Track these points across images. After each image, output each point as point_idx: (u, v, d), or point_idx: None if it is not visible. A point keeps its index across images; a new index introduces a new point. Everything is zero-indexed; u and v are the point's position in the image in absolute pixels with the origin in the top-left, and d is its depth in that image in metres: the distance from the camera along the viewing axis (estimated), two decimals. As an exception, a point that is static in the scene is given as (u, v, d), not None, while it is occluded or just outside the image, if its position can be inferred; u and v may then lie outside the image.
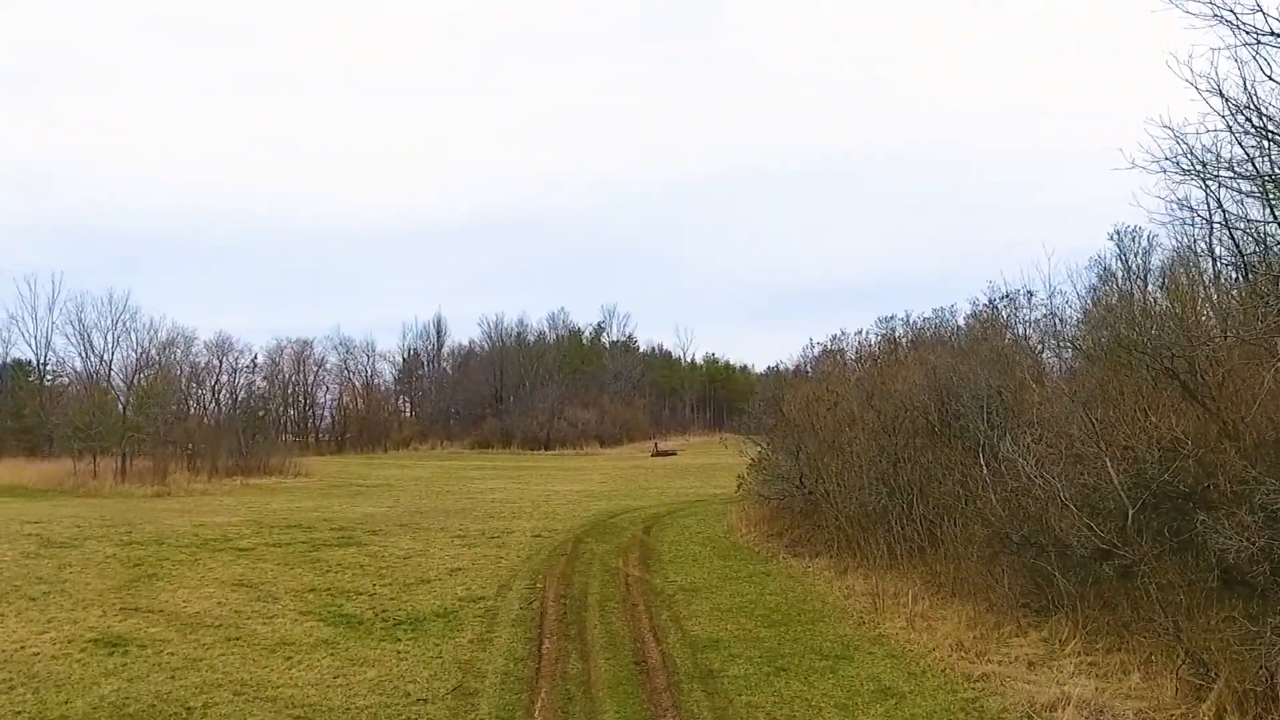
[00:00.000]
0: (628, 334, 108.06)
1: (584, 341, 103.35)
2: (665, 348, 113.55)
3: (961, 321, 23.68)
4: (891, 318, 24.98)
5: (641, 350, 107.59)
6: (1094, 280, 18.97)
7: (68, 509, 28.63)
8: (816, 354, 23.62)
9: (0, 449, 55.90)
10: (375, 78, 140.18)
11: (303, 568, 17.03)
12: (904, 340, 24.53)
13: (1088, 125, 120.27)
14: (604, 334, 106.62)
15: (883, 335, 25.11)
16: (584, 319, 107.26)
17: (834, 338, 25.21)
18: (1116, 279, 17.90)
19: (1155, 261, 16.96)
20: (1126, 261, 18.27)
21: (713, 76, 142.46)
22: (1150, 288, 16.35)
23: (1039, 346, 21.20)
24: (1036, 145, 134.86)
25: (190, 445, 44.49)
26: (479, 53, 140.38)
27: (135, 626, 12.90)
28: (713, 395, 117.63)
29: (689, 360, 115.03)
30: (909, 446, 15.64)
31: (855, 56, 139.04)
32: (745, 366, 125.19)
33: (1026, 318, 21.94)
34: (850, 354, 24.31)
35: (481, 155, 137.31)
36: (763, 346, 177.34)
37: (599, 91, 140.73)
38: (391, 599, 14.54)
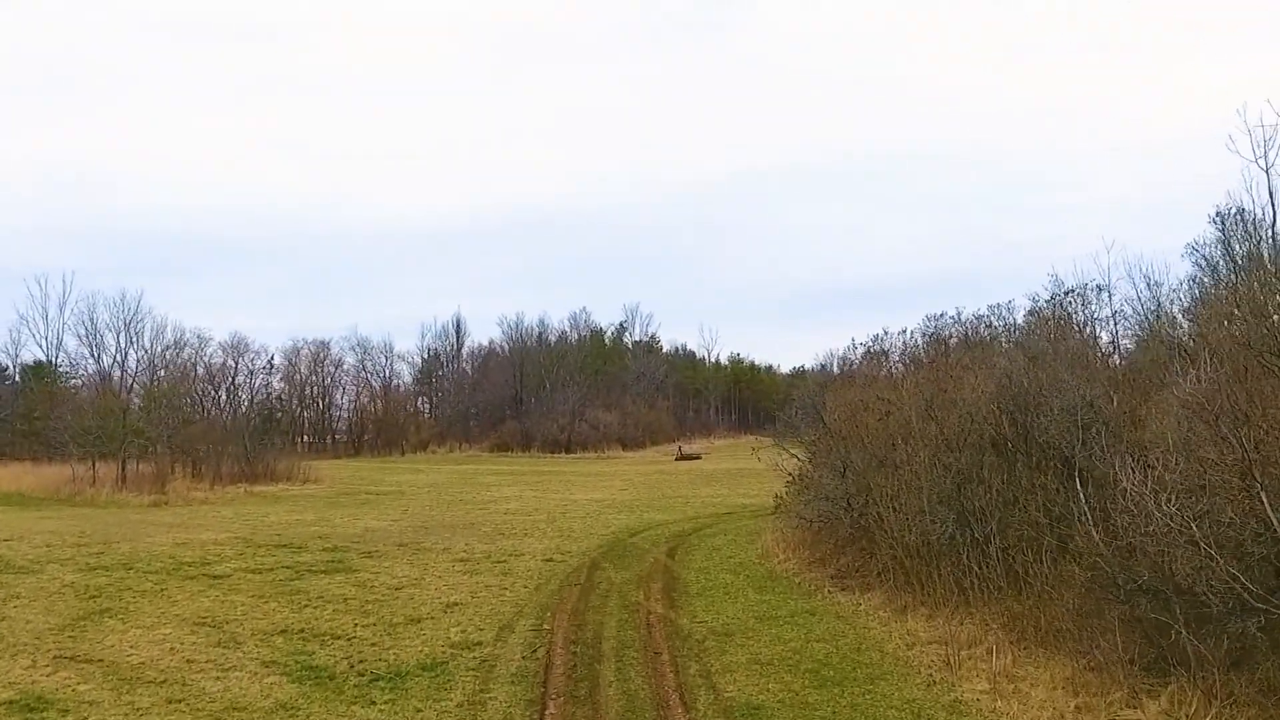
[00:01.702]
0: (651, 334, 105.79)
1: (606, 341, 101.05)
2: (689, 348, 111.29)
3: (1020, 319, 21.27)
4: (940, 315, 22.66)
5: (665, 350, 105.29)
6: (1192, 270, 16.47)
7: (51, 522, 26.79)
8: (859, 355, 21.27)
9: (12, 453, 54.69)
10: (394, 79, 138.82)
11: (279, 601, 14.93)
12: (953, 340, 22.14)
13: (1114, 123, 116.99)
14: (626, 334, 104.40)
15: (929, 335, 22.70)
16: (606, 319, 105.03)
17: (876, 338, 22.84)
18: (1219, 268, 15.46)
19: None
20: (1230, 249, 15.78)
21: (739, 76, 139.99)
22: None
23: (1109, 349, 18.81)
24: (1070, 144, 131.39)
25: (198, 450, 42.71)
26: (502, 53, 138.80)
27: (64, 682, 10.83)
28: (737, 396, 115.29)
29: (713, 360, 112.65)
30: (977, 465, 13.32)
31: (882, 54, 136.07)
32: (770, 367, 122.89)
33: (1097, 315, 19.51)
34: (895, 355, 21.95)
35: (503, 156, 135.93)
36: (788, 347, 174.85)
37: (624, 92, 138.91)
38: (372, 644, 12.39)
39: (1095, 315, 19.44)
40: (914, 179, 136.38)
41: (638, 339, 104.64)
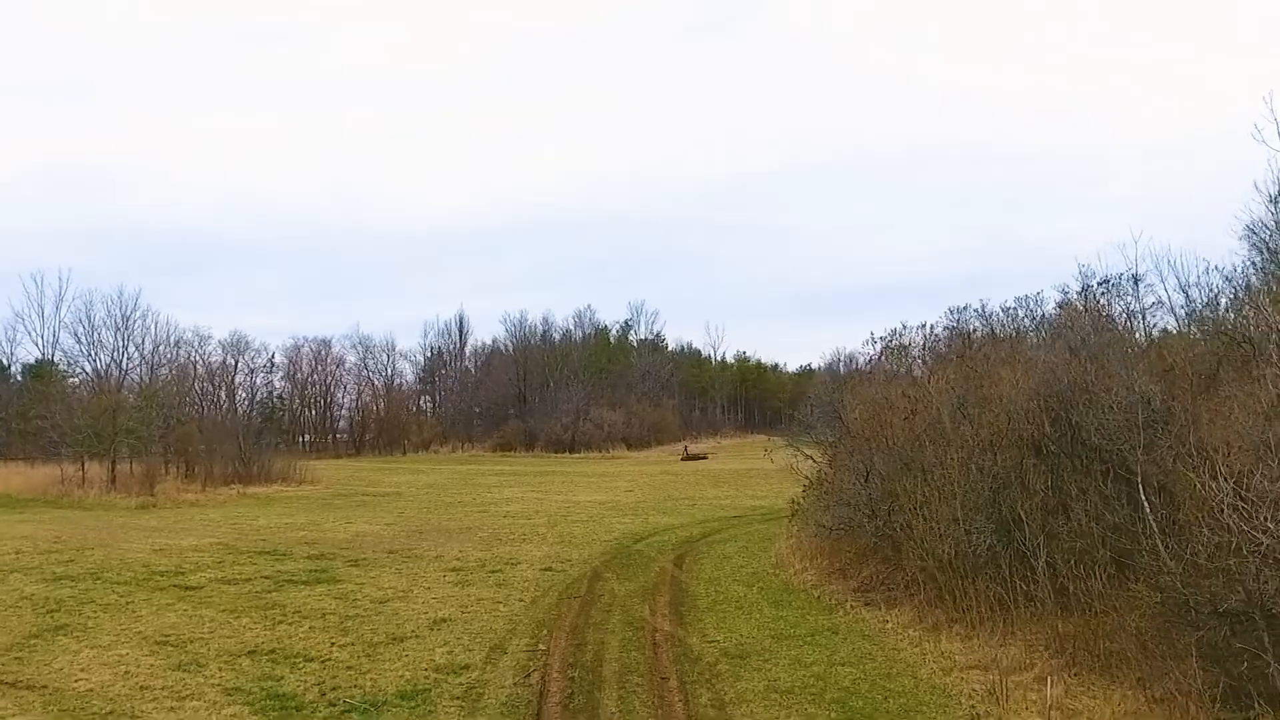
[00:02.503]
0: (656, 332, 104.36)
1: (610, 340, 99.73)
2: (695, 346, 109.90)
3: (1049, 311, 19.97)
4: (963, 308, 21.37)
5: (670, 349, 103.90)
6: (1249, 256, 15.12)
7: (30, 525, 25.63)
8: (877, 350, 19.98)
9: (9, 453, 53.73)
10: (401, 81, 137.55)
11: (252, 616, 13.70)
12: (978, 334, 20.85)
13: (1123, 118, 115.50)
14: (631, 332, 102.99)
15: (952, 329, 21.40)
16: (611, 317, 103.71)
17: (894, 332, 21.56)
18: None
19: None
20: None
21: (749, 76, 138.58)
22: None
23: (1147, 342, 17.48)
24: (1086, 142, 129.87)
25: (190, 450, 41.56)
26: (511, 56, 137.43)
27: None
28: (744, 395, 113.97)
29: (719, 359, 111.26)
30: (1018, 469, 12.05)
31: (893, 53, 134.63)
32: (777, 366, 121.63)
33: (1132, 308, 18.18)
34: (916, 351, 20.67)
35: (509, 158, 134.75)
36: (794, 346, 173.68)
37: (633, 94, 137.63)
38: (348, 668, 11.15)
39: (1133, 308, 18.14)
40: (925, 178, 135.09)
41: (643, 337, 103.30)
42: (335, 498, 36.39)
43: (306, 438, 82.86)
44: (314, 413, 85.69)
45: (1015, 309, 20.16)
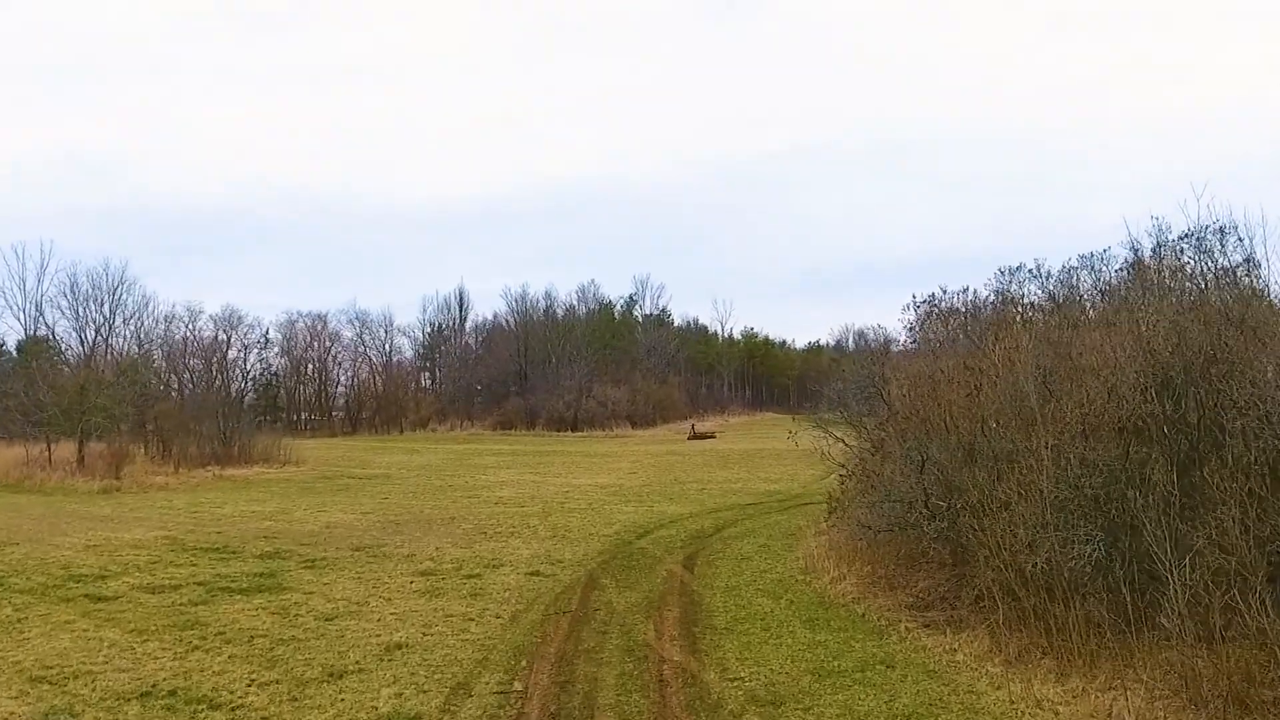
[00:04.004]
0: (662, 307, 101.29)
1: (615, 315, 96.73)
2: (701, 322, 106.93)
3: (1113, 274, 17.18)
4: (1017, 269, 18.57)
5: (676, 325, 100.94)
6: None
7: (-33, 514, 23.11)
8: (917, 317, 17.21)
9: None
10: (404, 60, 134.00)
11: (163, 639, 11.09)
12: (1034, 299, 18.06)
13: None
14: (636, 307, 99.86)
15: (1001, 293, 18.59)
16: (615, 293, 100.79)
17: (932, 297, 18.79)
18: None
19: None
20: None
21: (762, 56, 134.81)
22: None
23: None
24: (1100, 123, 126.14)
25: (165, 429, 39.03)
26: (514, 35, 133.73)
27: None
28: (751, 372, 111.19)
29: (726, 335, 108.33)
30: (1130, 460, 9.36)
31: (902, 32, 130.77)
32: (784, 342, 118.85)
33: (1218, 265, 15.36)
34: (963, 318, 17.89)
35: (512, 138, 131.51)
36: (802, 323, 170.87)
37: (643, 73, 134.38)
38: (262, 718, 8.55)
39: (1221, 265, 15.33)
40: (936, 158, 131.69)
41: (648, 312, 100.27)
42: (318, 480, 33.87)
43: (302, 416, 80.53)
44: (310, 390, 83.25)
45: (1078, 268, 17.36)
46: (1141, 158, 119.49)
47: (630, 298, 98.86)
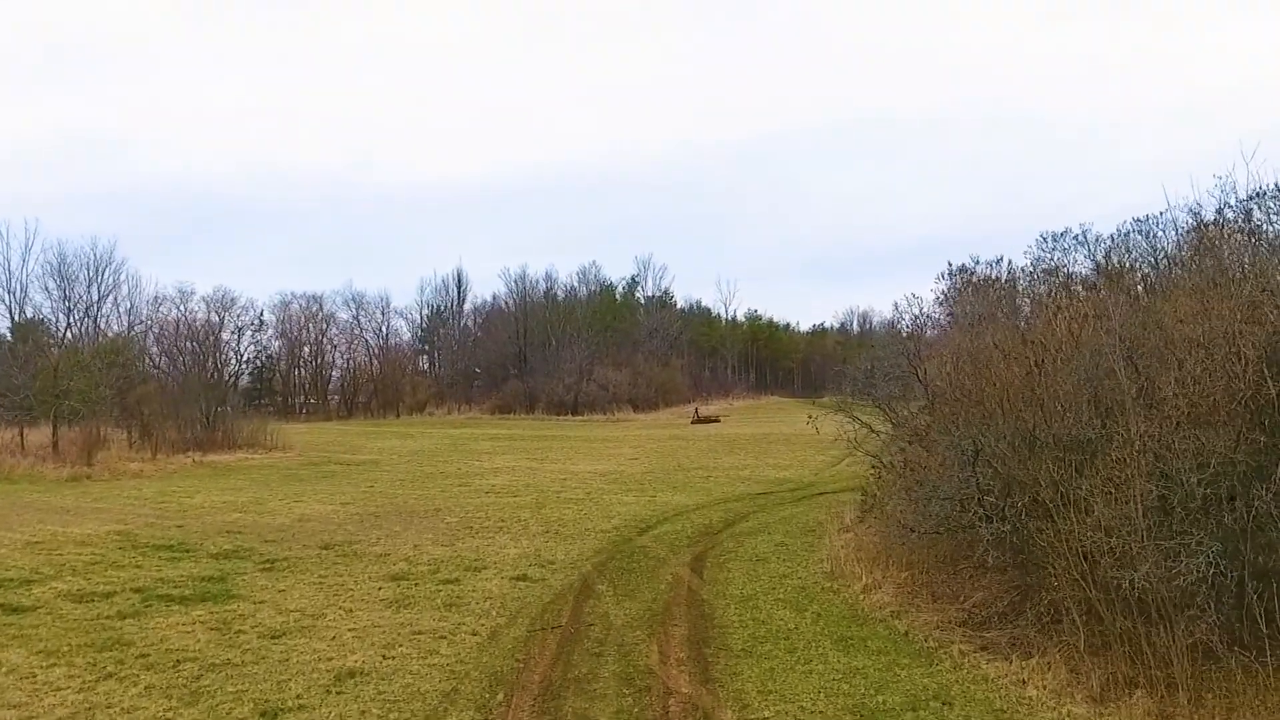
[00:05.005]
0: (664, 288, 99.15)
1: (616, 297, 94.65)
2: (704, 304, 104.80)
3: (1175, 237, 15.30)
4: (1061, 234, 16.69)
5: (679, 306, 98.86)
6: None
7: (-86, 505, 21.36)
8: (951, 288, 15.34)
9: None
10: (395, 42, 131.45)
11: (74, 663, 9.31)
12: (1080, 270, 16.20)
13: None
14: (638, 288, 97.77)
15: (1040, 262, 16.72)
16: (617, 274, 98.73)
17: (962, 269, 16.94)
18: None
19: None
20: None
21: (756, 39, 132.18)
22: None
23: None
24: (1106, 105, 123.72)
25: (145, 413, 37.24)
26: (513, 19, 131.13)
27: None
28: (755, 355, 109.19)
29: (730, 317, 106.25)
30: (1249, 451, 7.54)
31: (906, 16, 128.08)
32: (789, 325, 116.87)
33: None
34: (997, 289, 16.04)
35: (511, 120, 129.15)
36: (805, 306, 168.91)
37: (641, 58, 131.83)
38: (166, 779, 6.78)
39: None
40: (940, 141, 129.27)
41: (650, 294, 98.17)
42: (303, 467, 32.10)
43: (299, 400, 78.76)
44: (305, 374, 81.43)
45: (1131, 233, 15.50)
46: (1144, 141, 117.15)
47: (632, 279, 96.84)
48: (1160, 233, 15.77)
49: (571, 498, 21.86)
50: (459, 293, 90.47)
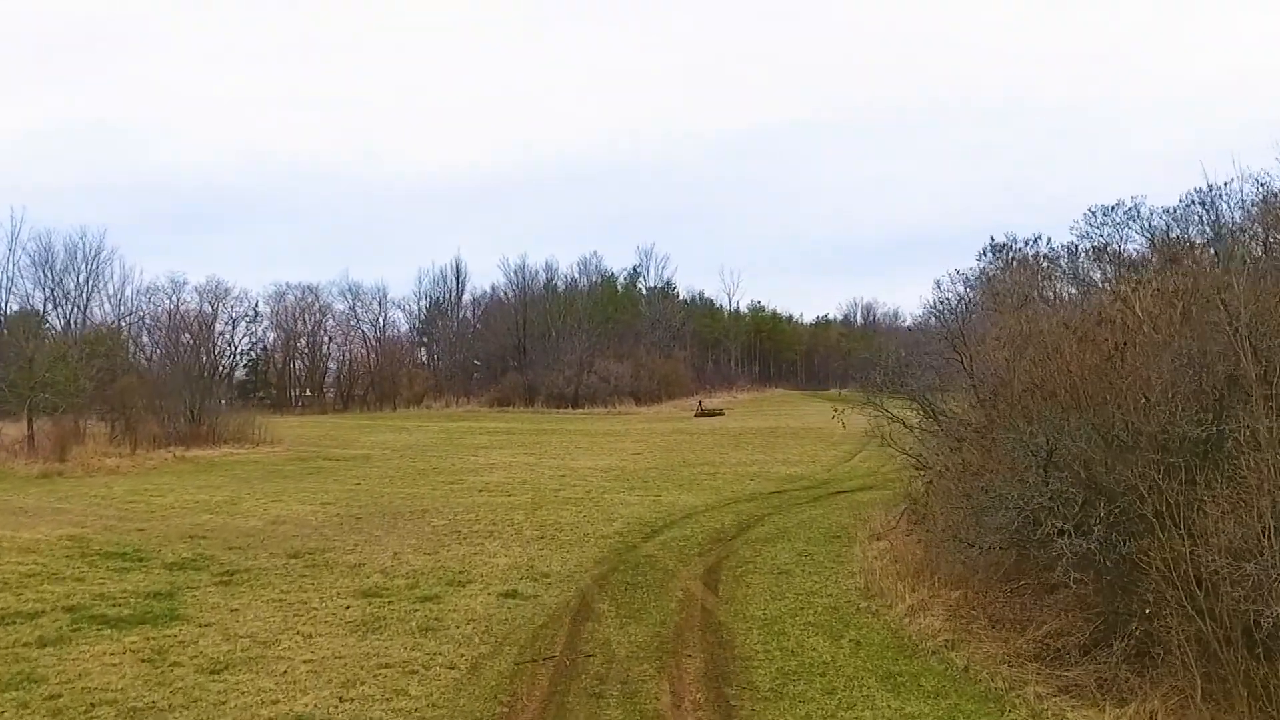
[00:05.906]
0: (666, 279, 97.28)
1: (618, 288, 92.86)
2: (707, 295, 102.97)
3: (1243, 209, 13.75)
4: (1112, 208, 15.07)
5: (682, 297, 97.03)
6: None
7: None
8: (993, 262, 13.71)
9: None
10: (393, 31, 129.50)
11: (-35, 708, 7.75)
12: (1133, 251, 14.61)
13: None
14: (640, 279, 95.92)
15: (1088, 238, 15.11)
16: (618, 265, 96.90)
17: (1001, 247, 15.34)
18: None
19: None
20: None
21: (759, 30, 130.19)
22: None
23: None
24: (1110, 94, 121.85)
25: (127, 406, 35.67)
26: (514, 6, 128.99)
27: None
28: (759, 347, 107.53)
29: (734, 308, 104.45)
30: None
31: (910, 6, 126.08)
32: (792, 317, 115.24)
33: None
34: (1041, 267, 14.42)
35: (511, 110, 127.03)
36: (808, 298, 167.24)
37: (643, 48, 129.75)
38: None
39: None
40: (945, 132, 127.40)
41: (653, 285, 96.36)
42: (289, 463, 30.56)
43: (295, 393, 77.18)
44: (300, 366, 79.80)
45: (1196, 205, 13.94)
46: (1153, 129, 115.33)
47: (634, 269, 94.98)
48: (1225, 205, 14.21)
49: (570, 497, 20.27)
50: (458, 284, 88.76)
